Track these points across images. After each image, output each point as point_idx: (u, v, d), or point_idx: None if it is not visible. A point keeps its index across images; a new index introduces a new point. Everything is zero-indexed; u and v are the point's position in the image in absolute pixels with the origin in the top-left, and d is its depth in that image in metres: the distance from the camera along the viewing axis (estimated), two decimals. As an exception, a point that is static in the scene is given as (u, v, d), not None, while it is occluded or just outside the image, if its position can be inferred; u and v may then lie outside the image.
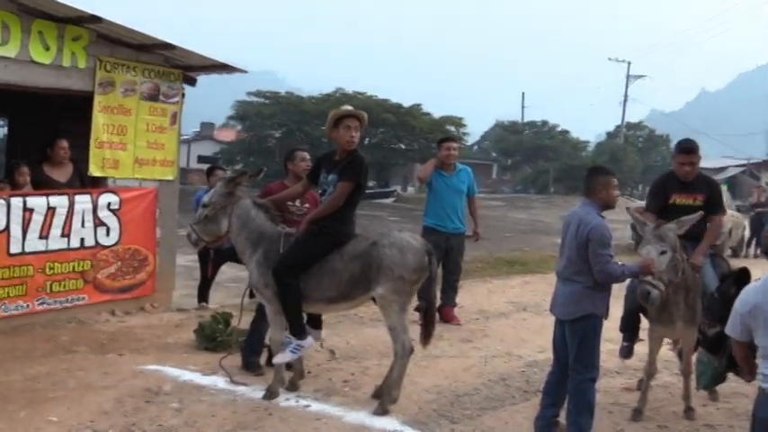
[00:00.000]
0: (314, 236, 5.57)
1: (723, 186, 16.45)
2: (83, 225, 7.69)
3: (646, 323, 5.78)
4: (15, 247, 7.17)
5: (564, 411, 5.00)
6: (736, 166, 47.30)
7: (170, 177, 8.67)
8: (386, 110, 37.30)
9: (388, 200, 35.91)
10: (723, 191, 12.09)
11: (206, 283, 8.70)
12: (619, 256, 6.10)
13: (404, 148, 40.10)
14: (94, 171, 7.96)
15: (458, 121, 40.26)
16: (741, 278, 4.92)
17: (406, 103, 40.13)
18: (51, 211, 7.43)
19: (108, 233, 7.92)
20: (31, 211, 7.27)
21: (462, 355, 7.25)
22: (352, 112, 5.73)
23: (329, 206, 5.59)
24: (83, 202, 7.69)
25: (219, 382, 5.92)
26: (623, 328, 6.04)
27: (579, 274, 4.83)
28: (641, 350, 6.01)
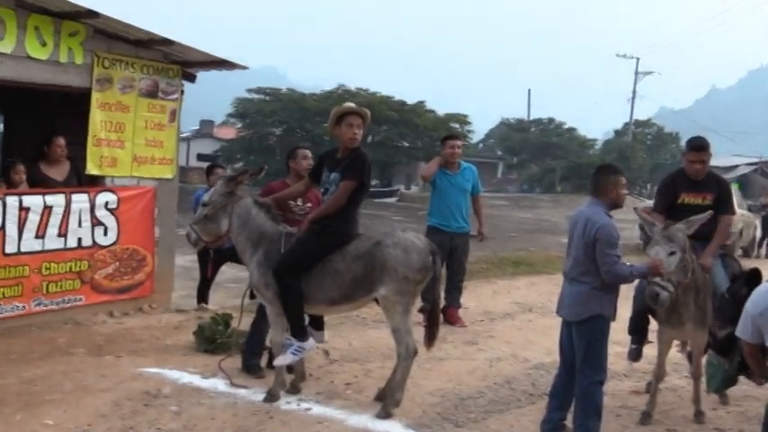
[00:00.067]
0: (316, 235, 5.50)
1: (734, 186, 16.39)
2: (80, 224, 7.59)
3: (655, 325, 5.71)
4: (11, 247, 7.07)
5: (571, 415, 4.95)
6: (748, 164, 46.88)
7: (169, 176, 8.58)
8: (389, 107, 37.19)
9: (392, 199, 35.85)
10: (734, 190, 12.04)
11: (206, 283, 8.61)
12: (627, 256, 6.04)
13: (407, 146, 39.86)
14: (92, 169, 7.85)
15: (462, 119, 40.04)
16: (752, 279, 4.88)
17: (408, 102, 39.96)
18: (48, 210, 7.32)
19: (106, 233, 7.82)
20: (27, 210, 7.17)
21: (467, 357, 7.18)
22: (354, 110, 5.67)
23: (331, 205, 5.53)
24: (80, 201, 7.59)
25: (219, 385, 5.86)
26: (632, 330, 5.98)
27: (586, 275, 4.80)
28: (650, 353, 5.95)
